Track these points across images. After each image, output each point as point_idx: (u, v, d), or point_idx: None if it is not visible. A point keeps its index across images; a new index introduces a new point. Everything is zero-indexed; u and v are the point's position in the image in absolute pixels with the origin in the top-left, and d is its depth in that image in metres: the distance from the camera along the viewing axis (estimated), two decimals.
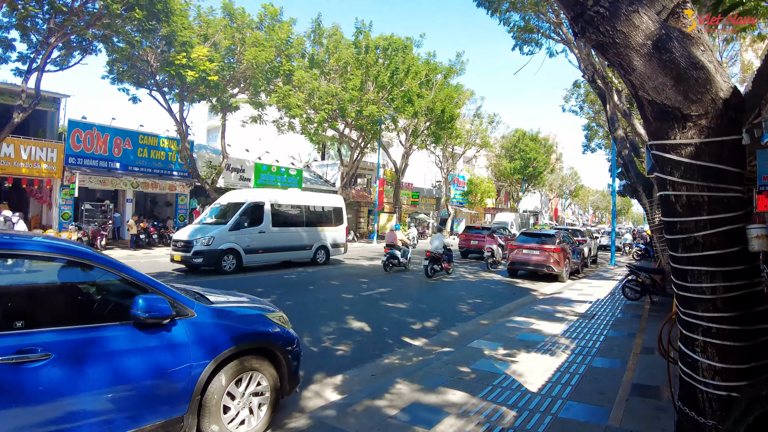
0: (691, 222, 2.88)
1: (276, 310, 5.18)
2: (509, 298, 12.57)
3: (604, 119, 34.00)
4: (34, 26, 18.87)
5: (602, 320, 9.31)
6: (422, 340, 7.88)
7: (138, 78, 22.65)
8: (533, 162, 54.39)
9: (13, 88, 21.38)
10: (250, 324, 4.44)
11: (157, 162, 27.13)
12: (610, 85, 14.04)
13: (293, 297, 11.37)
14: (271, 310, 5.05)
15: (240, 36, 23.43)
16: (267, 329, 4.54)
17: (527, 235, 17.21)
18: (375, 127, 30.12)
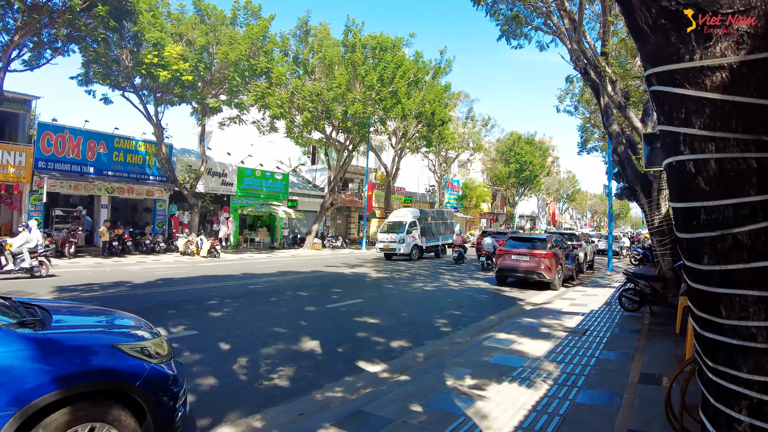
0: (727, 208, 1.64)
1: (155, 336, 3.97)
2: (493, 309, 11.31)
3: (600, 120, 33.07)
4: (5, 26, 17.83)
5: (595, 337, 8.04)
6: (380, 365, 6.60)
7: (112, 79, 21.59)
8: (529, 165, 53.23)
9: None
10: (86, 358, 3.20)
11: (134, 166, 25.94)
12: (603, 74, 12.82)
13: (248, 310, 10.10)
14: (143, 336, 3.84)
15: (214, 33, 22.28)
16: (115, 365, 3.31)
17: (517, 240, 15.94)
18: (363, 129, 28.93)
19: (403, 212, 27.44)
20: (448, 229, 29.84)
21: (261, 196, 31.77)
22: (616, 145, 13.53)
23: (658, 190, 12.75)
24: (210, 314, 9.58)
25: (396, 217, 26.90)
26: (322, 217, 32.66)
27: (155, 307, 10.27)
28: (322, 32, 27.40)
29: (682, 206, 1.78)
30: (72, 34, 18.97)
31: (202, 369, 6.25)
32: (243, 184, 30.76)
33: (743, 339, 1.64)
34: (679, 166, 1.74)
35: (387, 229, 25.74)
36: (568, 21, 13.61)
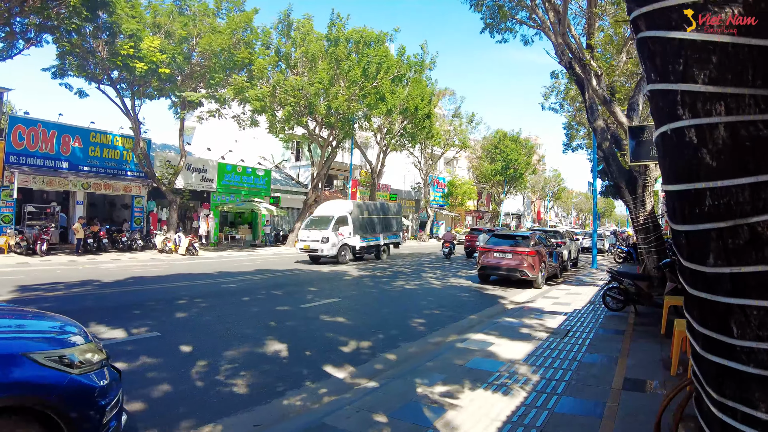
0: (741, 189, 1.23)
1: (87, 341, 3.53)
2: (474, 308, 10.94)
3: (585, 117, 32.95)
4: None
5: (578, 338, 7.69)
6: (347, 370, 6.18)
7: (88, 71, 20.89)
8: (514, 163, 53.11)
9: None
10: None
11: (111, 161, 25.22)
12: (588, 68, 12.51)
13: (217, 310, 9.61)
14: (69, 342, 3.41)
15: (194, 24, 21.65)
16: (23, 377, 2.87)
17: (499, 237, 15.60)
18: (347, 125, 28.43)
19: (332, 205, 23.21)
20: (393, 226, 25.74)
21: (242, 193, 31.17)
22: (601, 141, 13.23)
23: (643, 186, 12.48)
24: (176, 315, 9.09)
25: (322, 211, 22.74)
26: (305, 215, 32.08)
27: (119, 307, 9.75)
28: (305, 26, 26.83)
29: (680, 189, 1.36)
30: (44, 23, 18.24)
31: (158, 374, 5.79)
32: (224, 180, 30.12)
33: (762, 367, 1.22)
34: (676, 136, 1.32)
35: (310, 225, 21.33)
36: (553, 14, 13.28)
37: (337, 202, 23.75)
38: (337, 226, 20.65)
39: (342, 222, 21.06)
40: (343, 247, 20.78)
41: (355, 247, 21.61)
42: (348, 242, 21.14)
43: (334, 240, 20.27)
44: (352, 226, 21.39)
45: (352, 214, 21.71)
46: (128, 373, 5.75)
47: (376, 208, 24.39)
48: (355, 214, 21.95)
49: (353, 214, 21.77)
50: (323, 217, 21.44)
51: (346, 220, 21.25)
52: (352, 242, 21.40)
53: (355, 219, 21.72)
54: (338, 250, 20.44)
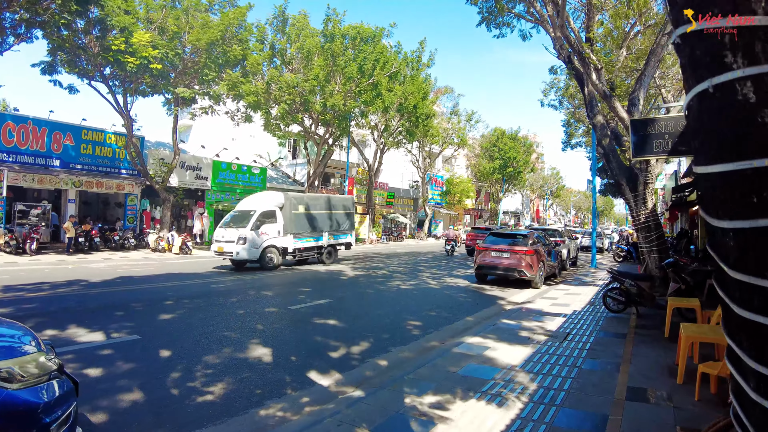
0: None
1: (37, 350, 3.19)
2: (470, 309, 10.57)
3: (585, 115, 32.62)
4: None
5: (577, 342, 7.33)
6: (333, 377, 5.82)
7: (79, 68, 20.52)
8: (513, 161, 52.78)
9: None
10: None
11: (103, 159, 24.87)
12: (588, 62, 12.16)
13: (203, 312, 9.24)
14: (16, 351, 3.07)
15: (186, 19, 21.24)
16: None
17: (497, 236, 15.23)
18: (343, 122, 28.03)
19: (258, 198, 19.04)
20: (343, 224, 21.36)
21: (237, 191, 30.73)
22: (601, 137, 12.88)
23: (644, 183, 12.15)
24: (159, 317, 8.73)
25: (245, 204, 18.68)
26: None
27: (102, 308, 9.39)
28: (300, 21, 26.42)
29: (725, 170, 0.99)
30: (34, 19, 17.85)
31: (131, 381, 5.43)
32: (218, 178, 29.70)
33: None
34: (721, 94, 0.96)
35: (228, 222, 17.56)
36: (552, 7, 12.93)
37: (267, 194, 19.49)
38: (259, 223, 16.99)
39: (268, 218, 17.47)
40: (269, 249, 17.16)
41: (286, 248, 17.93)
42: (276, 243, 17.43)
43: (255, 240, 16.64)
44: (283, 223, 17.77)
45: (284, 209, 18.04)
46: (100, 381, 5.41)
47: (320, 202, 20.26)
48: (288, 209, 18.15)
49: (285, 209, 18.06)
50: (244, 213, 17.71)
51: (273, 216, 17.65)
52: (282, 243, 17.73)
53: (287, 215, 18.02)
54: (262, 252, 16.87)
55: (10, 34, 18.46)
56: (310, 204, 19.53)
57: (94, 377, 5.51)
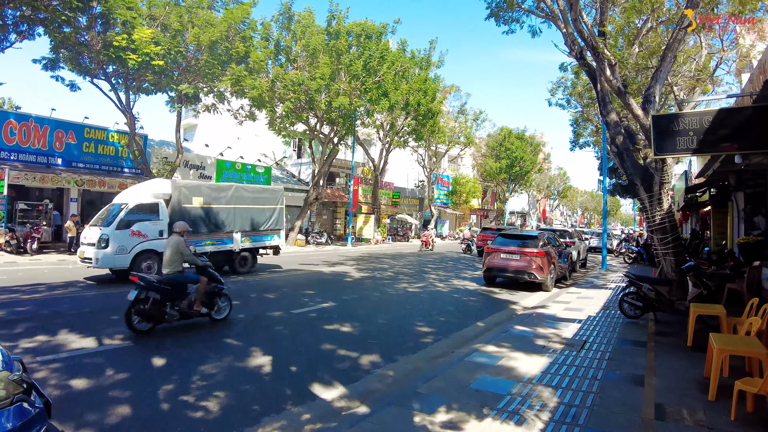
0: None
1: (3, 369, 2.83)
2: (481, 314, 10.16)
3: (594, 113, 32.10)
4: None
5: (596, 351, 6.91)
6: (337, 390, 5.43)
7: (82, 65, 20.31)
8: (520, 161, 52.26)
9: None
10: None
11: (106, 158, 24.69)
12: (601, 56, 11.71)
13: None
14: None
15: (189, 16, 20.93)
16: None
17: (506, 237, 14.82)
18: (349, 121, 27.64)
19: (138, 189, 14.58)
20: (265, 221, 16.77)
21: None
22: (614, 135, 12.44)
23: (660, 183, 11.71)
24: None
25: (121, 197, 14.46)
26: (305, 213, 31.40)
27: (98, 311, 9.06)
28: (306, 18, 26.06)
29: None
30: (36, 16, 17.63)
31: (120, 393, 5.07)
32: (222, 177, 29.42)
33: None
34: None
35: (97, 220, 14.00)
36: (563, 1, 12.53)
37: (149, 183, 14.94)
38: (129, 220, 13.09)
39: (145, 213, 13.48)
40: (144, 254, 13.26)
41: None
42: (157, 247, 13.32)
43: (123, 243, 12.85)
44: (168, 220, 13.67)
45: (172, 202, 14.01)
46: (86, 393, 5.05)
47: (228, 194, 15.69)
48: (178, 203, 14.07)
49: (173, 202, 14.01)
50: (116, 207, 13.77)
51: (154, 212, 13.65)
52: None
53: (176, 210, 13.92)
54: (133, 258, 12.99)
55: (12, 31, 18.28)
56: (212, 196, 15.20)
57: (80, 389, 5.15)
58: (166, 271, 7.98)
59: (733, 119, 7.06)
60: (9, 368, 3.02)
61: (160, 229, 13.65)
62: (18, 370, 3.11)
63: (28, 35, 18.56)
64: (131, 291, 7.53)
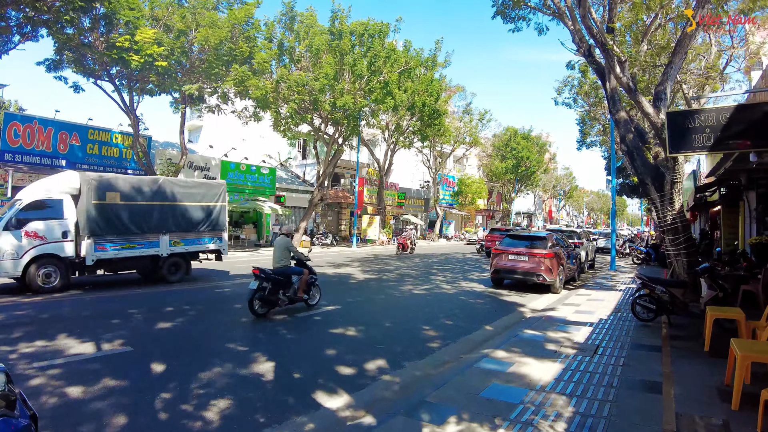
0: None
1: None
2: (489, 317, 9.93)
3: (600, 112, 31.79)
4: None
5: (609, 356, 6.68)
6: (342, 397, 5.22)
7: (86, 66, 20.25)
8: (526, 161, 51.94)
9: None
10: None
11: (110, 159, 24.64)
12: (611, 53, 11.46)
13: (204, 320, 8.72)
14: None
15: (193, 16, 20.80)
16: None
17: (514, 238, 14.58)
18: (353, 121, 27.45)
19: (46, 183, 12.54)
20: (206, 222, 14.51)
21: (246, 192, 30.35)
22: (624, 133, 12.17)
23: (671, 182, 11.46)
24: (157, 325, 8.20)
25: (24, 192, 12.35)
26: (310, 214, 31.23)
27: (98, 315, 8.91)
28: (308, 19, 25.89)
29: None
30: (39, 17, 17.55)
31: (117, 401, 4.89)
32: (227, 178, 29.19)
33: None
34: None
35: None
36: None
37: (59, 177, 12.87)
38: (22, 219, 11.28)
39: (44, 211, 11.61)
40: (42, 260, 11.41)
41: (82, 260, 12.00)
42: (59, 251, 11.67)
43: (10, 246, 10.97)
44: (75, 219, 11.92)
45: (81, 198, 12.01)
46: (81, 402, 4.87)
47: (153, 189, 13.31)
48: (87, 199, 11.94)
49: (83, 199, 11.96)
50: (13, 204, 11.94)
51: (57, 209, 11.79)
52: (70, 250, 11.85)
53: (85, 207, 11.89)
54: (26, 264, 11.19)
55: (16, 33, 18.20)
56: (132, 191, 12.88)
57: (75, 398, 4.97)
58: (276, 266, 9.60)
59: (753, 115, 6.81)
60: None
61: (64, 230, 11.73)
62: (1, 383, 2.91)
63: (31, 37, 18.48)
64: (252, 281, 9.09)
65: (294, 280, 9.69)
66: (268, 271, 9.24)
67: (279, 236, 10.10)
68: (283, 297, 9.38)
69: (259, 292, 9.01)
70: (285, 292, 9.45)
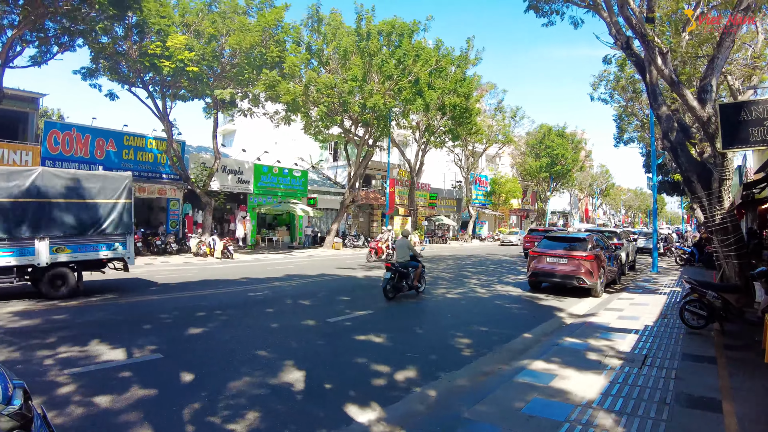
0: None
1: None
2: (527, 324, 9.53)
3: (638, 107, 30.70)
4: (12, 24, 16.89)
5: (659, 368, 6.24)
6: (374, 411, 4.98)
7: (120, 74, 20.76)
8: (561, 159, 50.77)
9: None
10: None
11: (145, 164, 25.07)
12: (651, 44, 10.89)
13: (236, 326, 8.61)
14: None
15: (224, 22, 20.98)
16: None
17: (552, 240, 14.08)
18: (383, 122, 27.27)
19: None
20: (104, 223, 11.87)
21: (279, 194, 30.56)
22: (667, 129, 11.56)
23: (719, 180, 10.80)
24: (188, 331, 8.13)
25: None
26: (342, 215, 31.23)
27: (130, 321, 8.90)
28: (335, 20, 25.89)
29: None
30: (75, 27, 18.02)
31: (144, 412, 4.76)
32: (260, 181, 29.57)
33: None
34: None
35: None
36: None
37: None
38: None
39: None
40: None
41: None
42: None
43: None
44: None
45: None
46: (108, 413, 4.76)
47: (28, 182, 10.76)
48: None
49: None
50: None
51: None
52: None
53: None
54: None
55: (54, 43, 18.73)
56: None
57: (102, 408, 4.87)
58: (399, 261, 12.13)
59: None
60: (5, 400, 2.68)
61: None
62: (18, 400, 2.77)
63: (69, 47, 19.03)
64: (385, 273, 11.74)
65: (410, 272, 12.18)
66: (396, 265, 11.85)
67: (401, 238, 12.74)
68: (405, 284, 11.95)
69: (390, 282, 11.53)
70: (407, 281, 12.01)
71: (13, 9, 16.67)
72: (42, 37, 18.25)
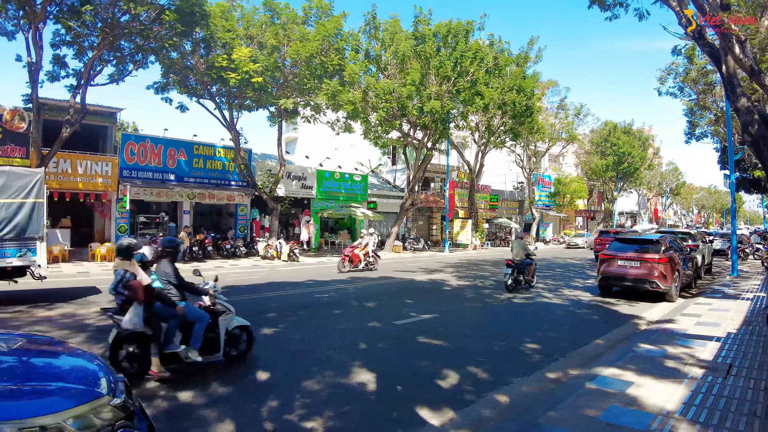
0: None
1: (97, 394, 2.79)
2: (598, 329, 9.24)
3: (711, 100, 28.99)
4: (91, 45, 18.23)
5: (746, 378, 5.91)
6: (446, 415, 5.01)
7: (189, 87, 21.92)
8: (627, 157, 48.72)
9: (62, 104, 21.15)
10: None
11: (214, 172, 26.24)
12: (728, 34, 10.30)
13: (305, 326, 8.87)
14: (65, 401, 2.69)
15: (285, 33, 21.65)
16: None
17: (623, 242, 13.59)
18: (442, 125, 27.23)
19: None
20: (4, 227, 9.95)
21: (340, 199, 31.16)
22: (747, 122, 10.86)
23: None
24: (260, 331, 8.44)
25: None
26: (401, 219, 31.37)
27: None
28: (392, 26, 26.10)
29: None
30: (147, 45, 19.19)
31: (222, 411, 5.00)
32: (322, 186, 30.29)
33: None
34: None
35: None
36: None
37: None
38: None
39: None
40: None
41: None
42: None
43: None
44: None
45: None
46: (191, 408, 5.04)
47: None
48: None
49: None
50: None
51: None
52: None
53: None
54: None
55: (129, 61, 19.99)
56: None
57: (184, 402, 5.18)
58: (515, 258, 13.84)
59: None
60: (111, 392, 2.94)
61: None
62: (121, 394, 3.02)
63: (142, 64, 20.29)
64: (506, 269, 13.76)
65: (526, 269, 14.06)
66: (517, 261, 13.70)
67: (517, 239, 14.97)
68: (522, 279, 13.86)
69: (510, 276, 13.46)
70: (525, 276, 13.91)
71: (92, 32, 17.96)
72: (119, 56, 19.57)
